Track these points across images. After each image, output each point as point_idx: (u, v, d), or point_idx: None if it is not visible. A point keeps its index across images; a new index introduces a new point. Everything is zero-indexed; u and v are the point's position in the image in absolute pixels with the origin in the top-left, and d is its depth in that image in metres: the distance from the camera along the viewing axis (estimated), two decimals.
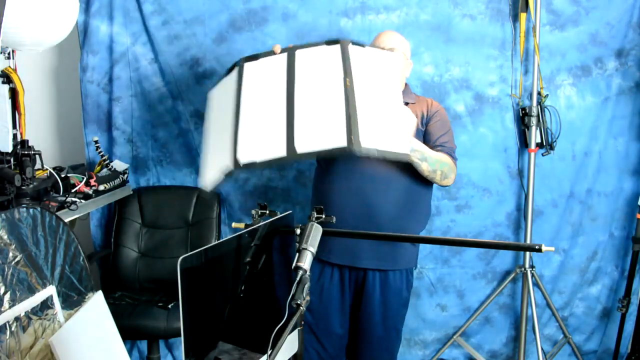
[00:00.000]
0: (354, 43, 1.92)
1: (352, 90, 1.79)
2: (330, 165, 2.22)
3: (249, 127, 1.80)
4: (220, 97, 2.01)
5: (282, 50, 1.94)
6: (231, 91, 1.91)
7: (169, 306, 2.48)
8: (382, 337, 2.19)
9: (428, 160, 2.05)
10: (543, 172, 2.85)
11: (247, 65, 1.93)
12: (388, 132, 1.81)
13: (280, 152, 1.73)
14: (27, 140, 1.99)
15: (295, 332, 1.60)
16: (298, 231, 1.57)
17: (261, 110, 1.83)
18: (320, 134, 1.74)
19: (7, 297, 1.50)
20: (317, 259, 1.78)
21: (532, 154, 2.77)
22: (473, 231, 2.90)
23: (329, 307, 2.21)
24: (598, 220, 2.92)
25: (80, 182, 2.32)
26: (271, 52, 1.94)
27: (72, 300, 1.77)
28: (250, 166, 1.74)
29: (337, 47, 1.88)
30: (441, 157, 2.10)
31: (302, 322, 1.59)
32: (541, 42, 2.73)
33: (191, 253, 1.20)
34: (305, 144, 1.73)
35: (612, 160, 2.87)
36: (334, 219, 1.78)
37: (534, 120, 2.74)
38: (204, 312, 1.29)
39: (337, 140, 1.71)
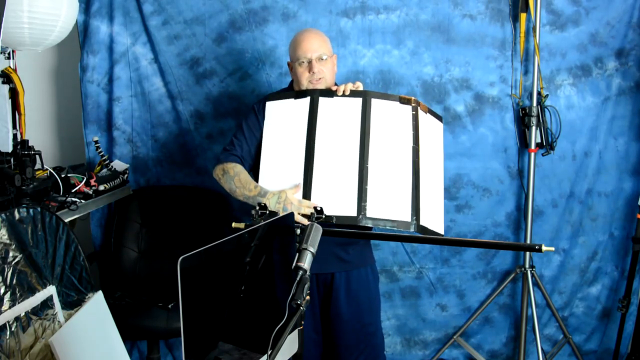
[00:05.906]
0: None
1: (418, 159, 2.00)
2: None
3: (322, 176, 1.97)
4: (286, 117, 2.09)
5: (355, 93, 2.06)
6: (302, 119, 2.05)
7: (169, 306, 2.48)
8: (360, 333, 2.19)
9: None
10: (543, 172, 2.85)
11: (322, 101, 2.05)
12: (435, 212, 2.03)
13: (350, 211, 1.91)
14: (27, 140, 1.99)
15: (295, 332, 1.60)
16: (298, 231, 1.57)
17: (334, 158, 1.99)
18: (388, 206, 1.94)
19: (7, 297, 1.50)
20: None
21: (532, 154, 2.77)
22: (473, 231, 2.90)
23: None
24: (598, 220, 2.92)
25: (80, 182, 2.32)
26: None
27: (72, 300, 1.77)
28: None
29: (409, 108, 2.05)
30: None
31: (302, 322, 1.60)
32: (541, 42, 2.73)
33: (191, 253, 1.19)
34: (374, 211, 1.92)
35: (612, 161, 2.87)
36: (334, 219, 1.79)
37: (534, 120, 2.75)
38: (204, 312, 1.29)
39: (403, 214, 1.93)
